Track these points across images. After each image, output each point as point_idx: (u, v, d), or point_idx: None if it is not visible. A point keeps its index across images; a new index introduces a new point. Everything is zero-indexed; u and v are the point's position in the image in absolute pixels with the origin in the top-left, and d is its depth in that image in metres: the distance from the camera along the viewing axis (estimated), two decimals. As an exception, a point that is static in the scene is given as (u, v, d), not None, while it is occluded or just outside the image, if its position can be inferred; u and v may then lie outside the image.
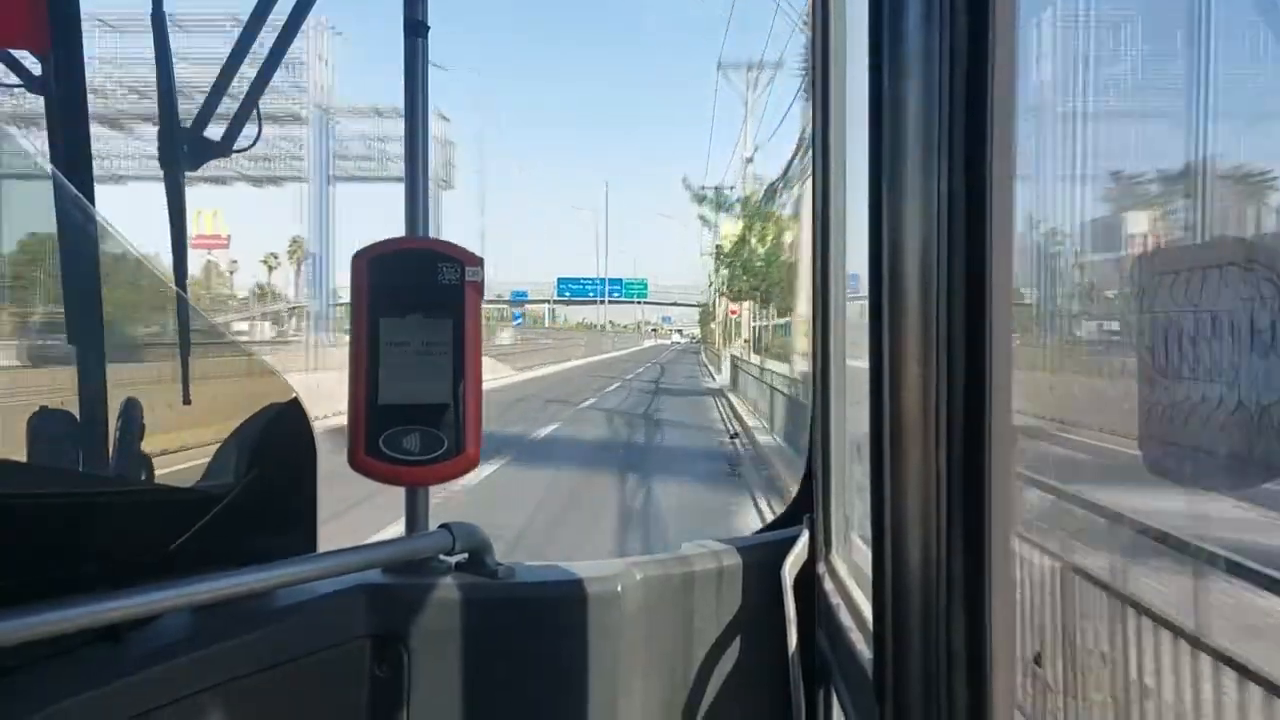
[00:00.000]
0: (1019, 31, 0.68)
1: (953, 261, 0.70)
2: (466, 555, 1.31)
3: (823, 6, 1.39)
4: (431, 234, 1.38)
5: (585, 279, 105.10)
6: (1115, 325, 1.09)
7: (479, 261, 1.28)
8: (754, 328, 37.32)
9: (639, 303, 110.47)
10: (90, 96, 1.48)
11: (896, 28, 0.77)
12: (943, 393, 0.72)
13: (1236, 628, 1.61)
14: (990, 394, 0.69)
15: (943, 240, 0.71)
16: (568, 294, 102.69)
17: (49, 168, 1.36)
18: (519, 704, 1.30)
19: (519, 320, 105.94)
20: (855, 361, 1.37)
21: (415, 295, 1.27)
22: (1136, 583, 1.72)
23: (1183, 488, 0.72)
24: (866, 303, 0.83)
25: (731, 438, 16.84)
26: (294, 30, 1.46)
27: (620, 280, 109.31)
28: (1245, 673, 1.56)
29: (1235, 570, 1.13)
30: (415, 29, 1.36)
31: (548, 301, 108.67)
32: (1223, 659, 1.62)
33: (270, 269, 75.26)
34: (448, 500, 7.95)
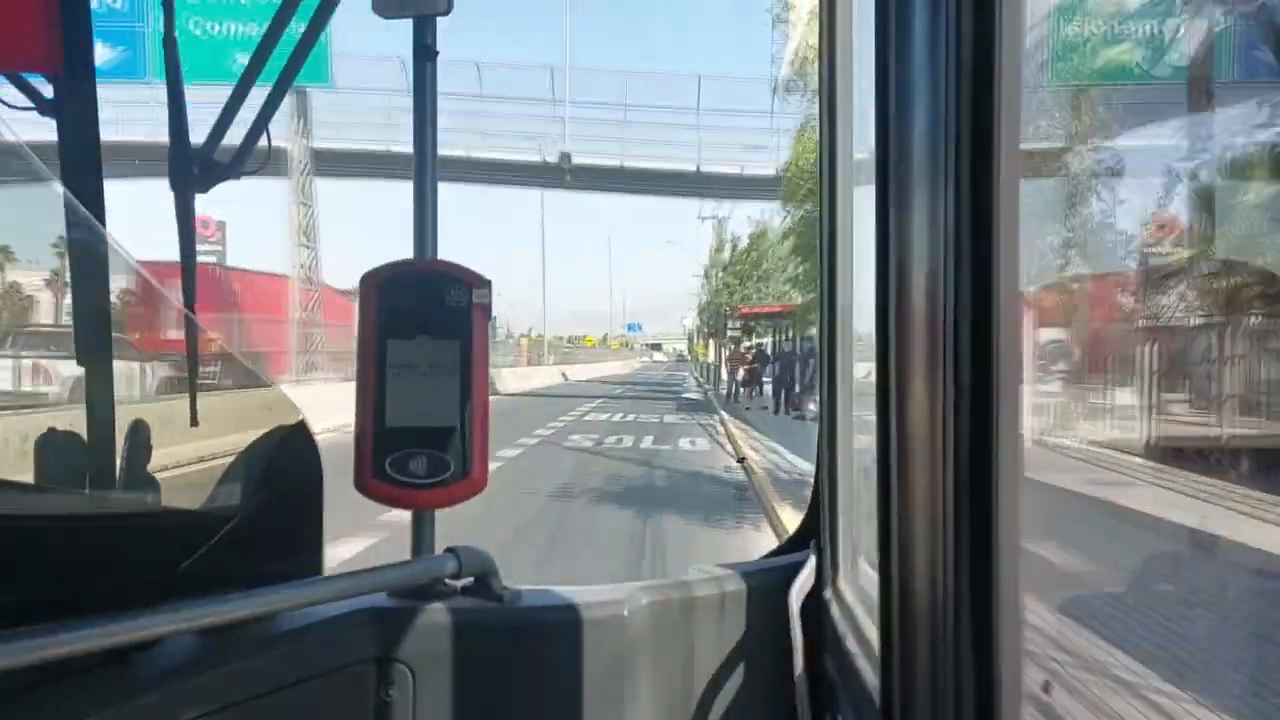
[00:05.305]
0: (1023, 37, 0.68)
1: (959, 281, 0.70)
2: (472, 579, 1.30)
3: (829, 24, 1.40)
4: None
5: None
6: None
7: (487, 284, 1.29)
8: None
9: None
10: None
11: (903, 45, 0.77)
12: (949, 415, 0.71)
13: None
14: (998, 417, 0.68)
15: (949, 259, 0.70)
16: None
17: (60, 190, 1.37)
18: None
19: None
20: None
21: (422, 317, 1.27)
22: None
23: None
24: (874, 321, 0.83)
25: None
26: (305, 52, 1.47)
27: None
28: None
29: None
30: (424, 54, 1.37)
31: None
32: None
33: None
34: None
